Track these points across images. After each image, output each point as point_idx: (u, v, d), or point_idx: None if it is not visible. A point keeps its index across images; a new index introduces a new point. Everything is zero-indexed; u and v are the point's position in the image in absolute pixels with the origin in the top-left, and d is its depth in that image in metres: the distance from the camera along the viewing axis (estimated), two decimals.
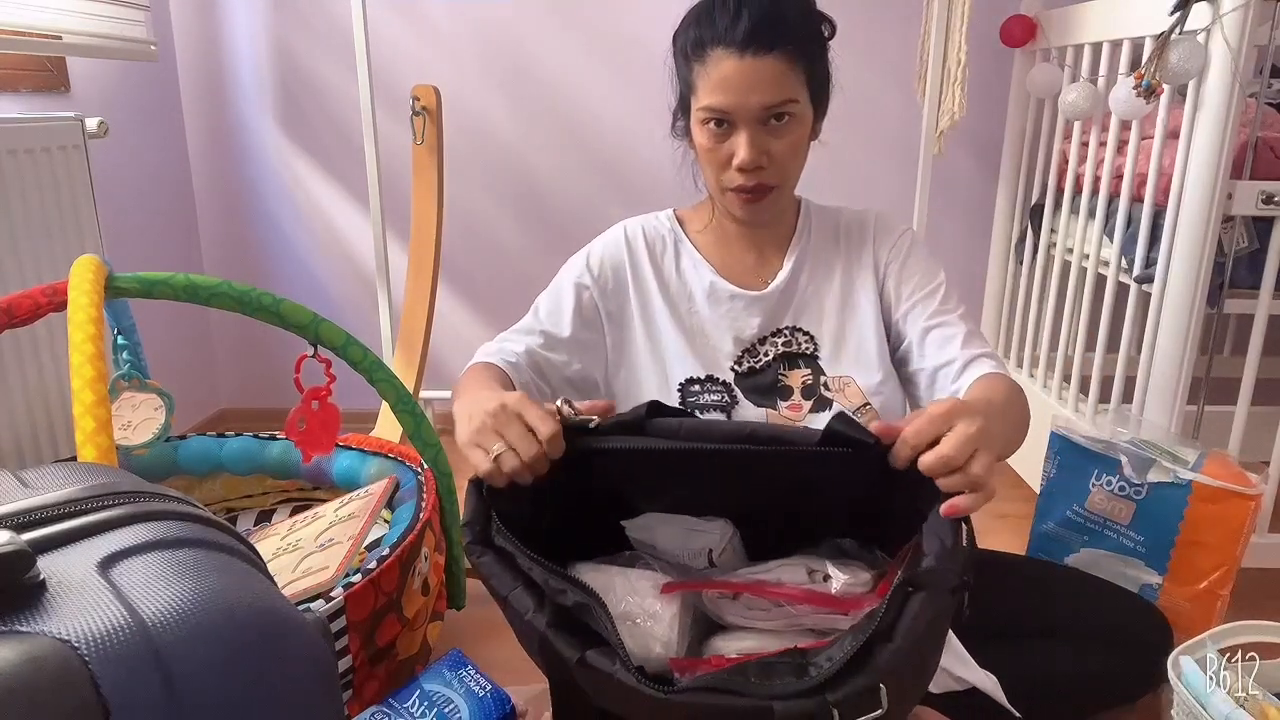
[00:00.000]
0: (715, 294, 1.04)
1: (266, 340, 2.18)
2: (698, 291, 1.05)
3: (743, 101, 0.91)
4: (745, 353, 1.04)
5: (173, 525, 0.39)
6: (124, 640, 0.31)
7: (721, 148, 0.95)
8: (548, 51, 2.02)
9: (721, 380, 1.02)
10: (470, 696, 1.01)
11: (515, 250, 2.17)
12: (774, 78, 0.90)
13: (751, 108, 0.91)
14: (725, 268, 1.06)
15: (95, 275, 0.97)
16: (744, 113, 0.91)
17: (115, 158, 1.84)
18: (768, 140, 0.93)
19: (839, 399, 1.01)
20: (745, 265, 1.07)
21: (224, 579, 0.36)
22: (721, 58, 0.91)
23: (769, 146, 0.94)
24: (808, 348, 1.04)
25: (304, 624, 0.39)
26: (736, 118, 0.92)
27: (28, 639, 0.30)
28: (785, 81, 0.91)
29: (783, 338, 1.04)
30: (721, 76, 0.91)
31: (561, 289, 1.07)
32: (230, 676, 0.33)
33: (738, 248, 1.07)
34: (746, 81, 0.90)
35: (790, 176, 0.98)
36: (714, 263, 1.06)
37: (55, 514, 0.38)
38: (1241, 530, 1.13)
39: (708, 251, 1.07)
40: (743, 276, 1.05)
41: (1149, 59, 1.32)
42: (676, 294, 1.06)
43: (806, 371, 1.03)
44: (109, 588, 0.33)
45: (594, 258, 1.08)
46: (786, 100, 0.91)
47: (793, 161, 0.97)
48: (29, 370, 1.39)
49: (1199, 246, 1.33)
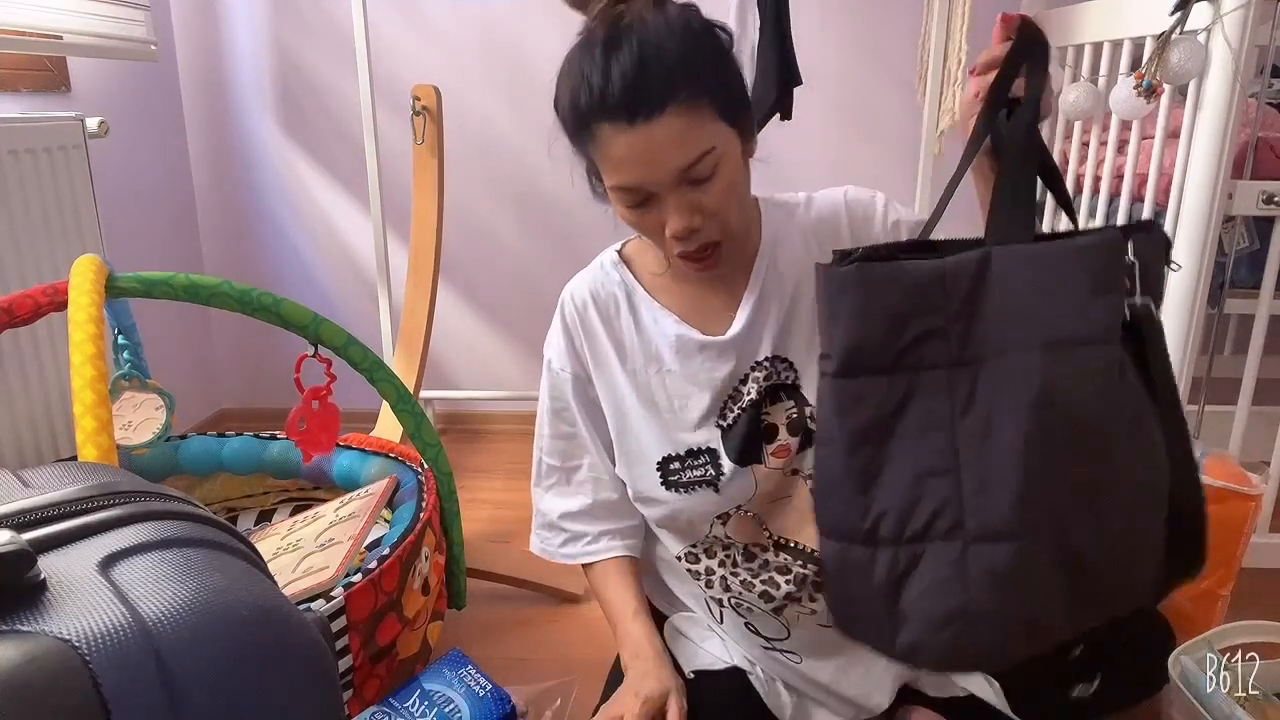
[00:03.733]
0: (684, 347, 0.91)
1: (267, 340, 2.18)
2: (664, 349, 0.92)
3: (649, 173, 0.78)
4: (729, 401, 0.91)
5: (173, 525, 0.39)
6: (124, 640, 0.31)
7: (647, 220, 0.82)
8: (548, 51, 2.00)
9: (705, 449, 0.90)
10: (470, 696, 1.01)
11: (515, 250, 2.17)
12: (678, 137, 0.76)
13: (662, 176, 0.78)
14: (689, 313, 0.92)
15: (96, 275, 0.97)
16: (657, 183, 0.78)
17: (116, 157, 1.84)
18: (696, 198, 0.80)
19: None
20: (709, 306, 0.92)
21: (225, 579, 0.36)
22: (610, 136, 0.77)
23: (700, 204, 0.80)
24: (789, 376, 0.91)
25: (305, 623, 0.39)
26: (652, 188, 0.79)
27: (29, 638, 0.30)
28: (693, 134, 0.76)
29: (763, 370, 0.90)
30: (618, 157, 0.78)
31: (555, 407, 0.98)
32: (231, 676, 0.33)
33: (696, 285, 0.92)
34: (647, 154, 0.76)
35: (734, 222, 0.84)
36: (675, 309, 0.92)
37: (56, 513, 0.38)
38: (1242, 530, 1.13)
39: (666, 296, 0.93)
40: (708, 320, 0.92)
41: (1150, 59, 1.31)
42: (641, 361, 0.93)
43: (790, 404, 0.91)
44: (109, 587, 0.33)
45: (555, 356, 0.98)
46: (702, 154, 0.77)
47: (731, 207, 0.82)
48: (29, 370, 1.39)
49: (1200, 246, 1.33)
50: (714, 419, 0.91)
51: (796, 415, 0.90)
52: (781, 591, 0.91)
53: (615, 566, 0.98)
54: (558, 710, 1.12)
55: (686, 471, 0.91)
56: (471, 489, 1.90)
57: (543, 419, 1.00)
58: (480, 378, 2.28)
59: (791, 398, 0.91)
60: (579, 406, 0.97)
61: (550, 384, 0.99)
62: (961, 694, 0.97)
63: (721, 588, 0.95)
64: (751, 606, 0.93)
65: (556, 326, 0.98)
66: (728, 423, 0.91)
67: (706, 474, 0.90)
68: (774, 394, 0.91)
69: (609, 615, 0.97)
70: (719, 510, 0.91)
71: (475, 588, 1.39)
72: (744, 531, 0.92)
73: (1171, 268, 0.74)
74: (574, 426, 0.98)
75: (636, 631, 0.92)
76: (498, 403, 2.27)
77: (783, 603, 0.92)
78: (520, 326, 2.23)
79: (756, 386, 0.90)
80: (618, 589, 0.96)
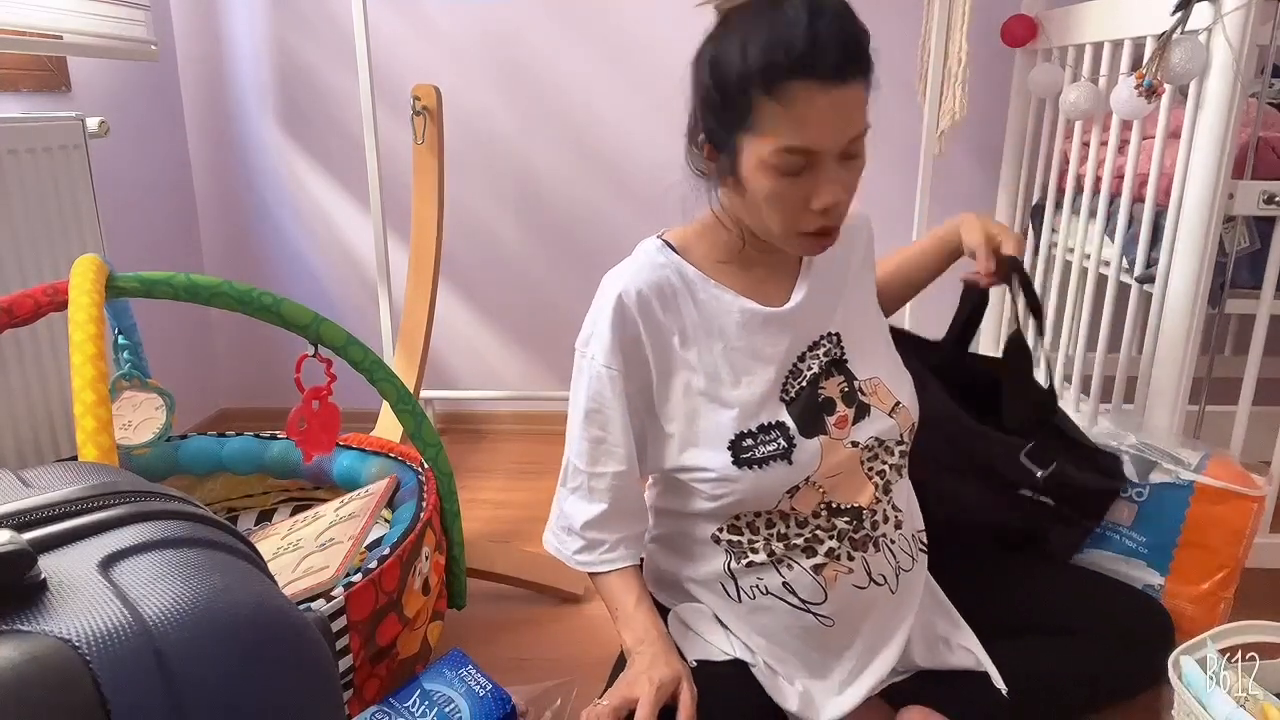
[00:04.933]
0: (749, 320, 0.93)
1: (267, 340, 2.18)
2: (729, 324, 0.93)
3: (834, 138, 0.81)
4: (789, 376, 0.95)
5: (174, 525, 0.39)
6: (125, 640, 0.31)
7: (796, 191, 0.83)
8: (549, 50, 2.02)
9: (775, 423, 0.93)
10: (471, 696, 1.01)
11: (516, 250, 2.17)
12: (859, 104, 0.81)
13: (840, 142, 0.81)
14: (749, 290, 0.95)
15: (96, 275, 0.97)
16: (834, 149, 0.81)
17: (116, 157, 1.84)
18: (844, 175, 0.84)
19: (874, 402, 0.97)
20: (763, 283, 0.97)
21: (225, 579, 0.36)
22: (810, 93, 0.78)
23: (846, 181, 0.84)
24: (837, 352, 0.98)
25: (305, 624, 0.39)
26: (823, 155, 0.81)
27: (29, 638, 0.30)
28: (864, 108, 0.82)
29: (822, 347, 0.96)
30: (811, 115, 0.79)
31: (590, 408, 0.95)
32: (232, 676, 0.33)
33: (758, 270, 0.97)
34: (838, 116, 0.80)
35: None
36: (734, 287, 0.95)
37: (56, 513, 0.38)
38: (1244, 531, 1.13)
39: (726, 278, 0.95)
40: (766, 295, 0.96)
41: (1150, 59, 1.31)
42: (705, 341, 0.94)
43: (841, 379, 0.97)
44: (110, 587, 0.33)
45: (600, 353, 0.93)
46: (865, 129, 0.83)
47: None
48: (29, 370, 1.39)
49: (1200, 246, 1.33)
50: (778, 393, 0.94)
51: (848, 389, 0.96)
52: (824, 548, 0.94)
53: (622, 569, 0.99)
54: (558, 710, 1.12)
55: (760, 447, 0.92)
56: (472, 489, 1.90)
57: (575, 421, 0.98)
58: (480, 378, 2.28)
59: (841, 372, 0.97)
60: (617, 406, 0.94)
61: (590, 381, 0.95)
62: (958, 664, 1.00)
63: (766, 552, 0.95)
64: (793, 563, 0.95)
65: (604, 323, 0.93)
66: (789, 396, 0.94)
67: (779, 447, 0.92)
68: (827, 369, 0.96)
69: (611, 603, 0.98)
70: (791, 483, 0.92)
71: (475, 588, 1.39)
72: (808, 503, 0.94)
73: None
74: (605, 430, 0.95)
75: (641, 617, 0.94)
76: (498, 403, 2.27)
77: (823, 560, 0.94)
78: (521, 326, 2.23)
79: (818, 362, 0.96)
80: (621, 579, 0.98)
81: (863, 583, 0.95)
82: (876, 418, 0.96)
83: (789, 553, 0.95)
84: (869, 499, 0.96)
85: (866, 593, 0.96)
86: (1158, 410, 1.42)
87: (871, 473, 0.96)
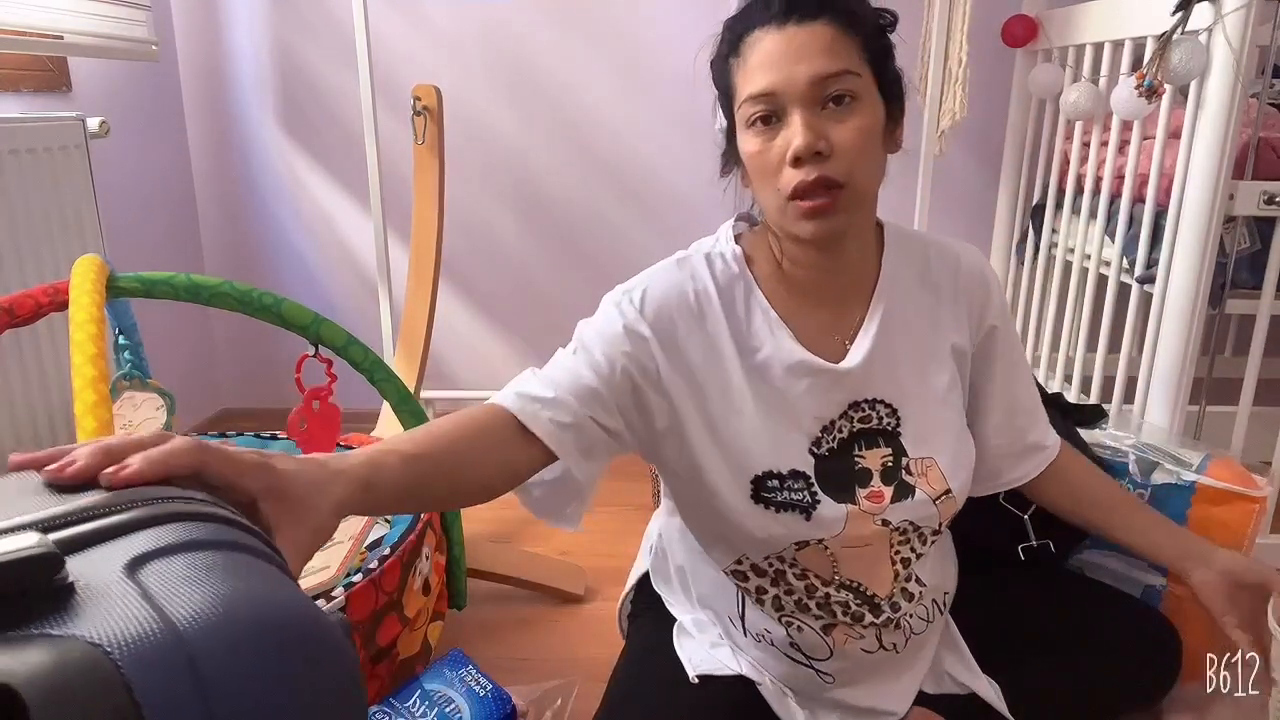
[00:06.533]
0: (797, 369, 0.84)
1: (267, 340, 2.18)
2: (776, 363, 0.84)
3: (788, 75, 0.74)
4: (823, 432, 0.86)
5: (200, 527, 0.39)
6: (155, 643, 0.30)
7: (772, 147, 0.76)
8: (550, 50, 2.02)
9: (802, 473, 0.84)
10: (471, 696, 1.01)
11: (517, 250, 2.17)
12: (825, 45, 0.74)
13: (799, 81, 0.74)
14: (802, 331, 0.85)
15: (96, 275, 0.97)
16: (792, 89, 0.74)
17: (116, 157, 1.84)
18: (826, 125, 0.75)
19: (921, 484, 0.86)
20: (820, 325, 0.86)
21: (252, 581, 0.36)
22: (759, 39, 0.76)
23: (828, 132, 0.75)
24: (889, 423, 0.86)
25: (333, 627, 0.39)
26: (785, 99, 0.75)
27: (59, 642, 0.30)
28: (838, 49, 0.74)
29: (860, 412, 0.85)
30: (761, 55, 0.76)
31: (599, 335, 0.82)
32: (262, 679, 0.33)
33: (811, 300, 0.86)
34: (791, 51, 0.74)
35: (861, 177, 0.77)
36: (790, 323, 0.85)
37: (81, 516, 0.37)
38: (1246, 533, 1.13)
39: (780, 307, 0.85)
40: (820, 342, 0.85)
41: (1151, 59, 1.31)
42: (757, 360, 0.84)
43: (887, 451, 0.86)
44: (137, 590, 0.33)
45: (650, 299, 0.83)
46: (842, 70, 0.74)
47: (862, 156, 0.76)
48: (30, 370, 1.39)
49: (1201, 247, 1.33)
50: (809, 445, 0.85)
51: (893, 464, 0.86)
52: (837, 617, 0.89)
53: (485, 414, 0.78)
54: (558, 710, 1.12)
55: (784, 492, 0.83)
56: None
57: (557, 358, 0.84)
58: (480, 378, 2.28)
59: (889, 444, 0.86)
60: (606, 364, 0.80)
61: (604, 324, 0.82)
62: (962, 692, 0.97)
63: (774, 606, 0.91)
64: (802, 625, 0.90)
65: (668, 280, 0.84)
66: (822, 450, 0.85)
67: (802, 499, 0.83)
68: (871, 438, 0.86)
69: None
70: (803, 538, 0.85)
71: (475, 588, 1.39)
72: (815, 561, 0.87)
73: None
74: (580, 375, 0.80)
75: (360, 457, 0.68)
76: None
77: (833, 621, 0.89)
78: (521, 326, 2.23)
79: (849, 427, 0.86)
80: (444, 423, 0.75)
81: (872, 648, 0.90)
82: (920, 502, 0.86)
83: (798, 612, 0.90)
84: (885, 588, 0.88)
85: (874, 656, 0.90)
86: (1158, 411, 1.42)
87: (896, 558, 0.88)
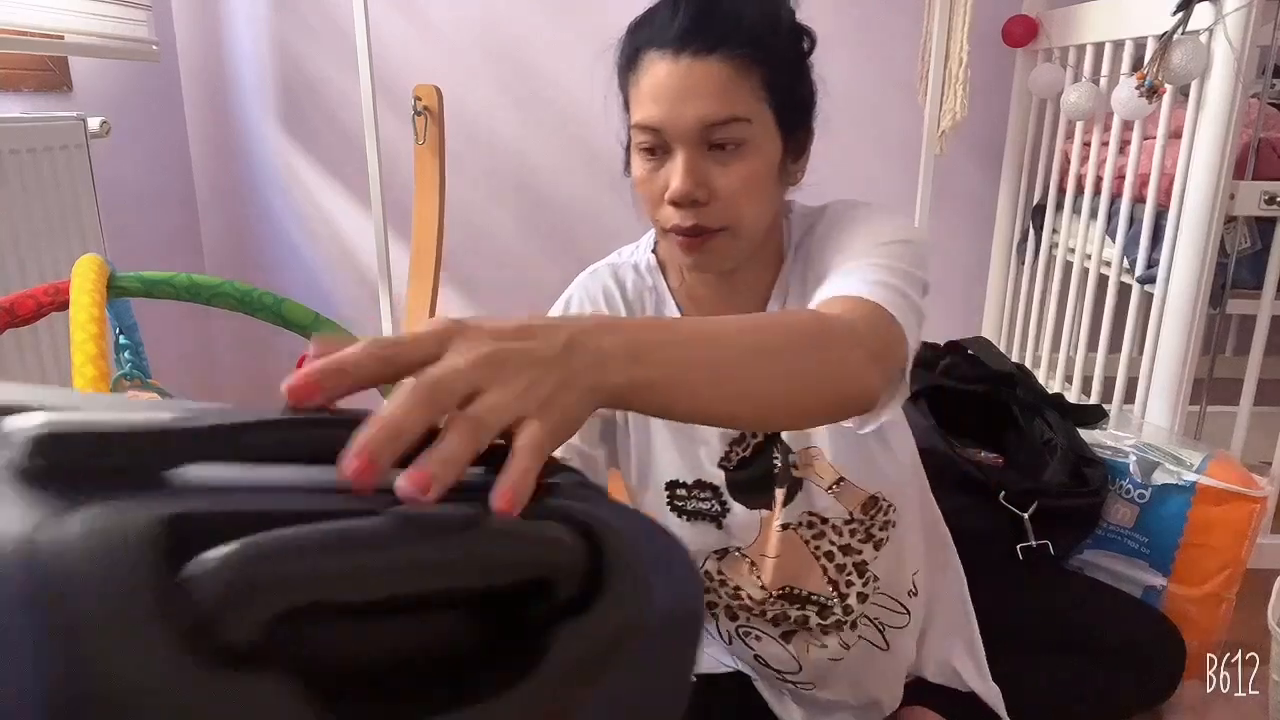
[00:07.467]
0: None
1: (268, 340, 2.17)
2: None
3: (675, 113, 0.70)
4: (734, 444, 0.85)
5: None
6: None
7: (656, 178, 0.74)
8: (550, 51, 2.02)
9: (709, 484, 0.85)
10: None
11: (517, 251, 2.16)
12: (716, 86, 0.69)
13: (686, 122, 0.70)
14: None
15: (97, 275, 0.97)
16: (677, 128, 0.71)
17: (117, 157, 1.84)
18: (709, 170, 0.72)
19: (809, 475, 0.85)
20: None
21: None
22: (654, 61, 0.71)
23: (711, 178, 0.72)
24: None
25: None
26: (670, 136, 0.71)
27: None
28: (730, 92, 0.70)
29: None
30: (652, 84, 0.71)
31: None
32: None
33: (712, 306, 0.83)
34: (680, 90, 0.70)
35: (744, 220, 0.74)
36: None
37: None
38: (1246, 532, 1.13)
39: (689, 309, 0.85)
40: None
41: (1151, 59, 1.31)
42: None
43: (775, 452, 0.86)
44: None
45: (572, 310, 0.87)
46: (731, 118, 0.70)
47: (747, 202, 0.73)
48: (30, 369, 1.39)
49: (1201, 247, 1.33)
50: (718, 458, 0.85)
51: (782, 463, 0.84)
52: (792, 623, 0.88)
53: None
54: None
55: (692, 501, 0.85)
56: None
57: None
58: None
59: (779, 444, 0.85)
60: None
61: None
62: (964, 689, 0.97)
63: (728, 615, 0.91)
64: (760, 634, 0.90)
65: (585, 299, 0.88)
66: (731, 465, 0.85)
67: (711, 508, 0.85)
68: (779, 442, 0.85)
69: None
70: (718, 546, 0.87)
71: None
72: (737, 571, 0.88)
73: None
74: None
75: None
76: None
77: (791, 629, 0.89)
78: None
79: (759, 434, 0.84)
80: None
81: (838, 655, 0.89)
82: (811, 493, 0.85)
83: (752, 622, 0.89)
84: (821, 585, 0.87)
85: (848, 658, 0.89)
86: (1158, 411, 1.42)
87: (819, 553, 0.86)
